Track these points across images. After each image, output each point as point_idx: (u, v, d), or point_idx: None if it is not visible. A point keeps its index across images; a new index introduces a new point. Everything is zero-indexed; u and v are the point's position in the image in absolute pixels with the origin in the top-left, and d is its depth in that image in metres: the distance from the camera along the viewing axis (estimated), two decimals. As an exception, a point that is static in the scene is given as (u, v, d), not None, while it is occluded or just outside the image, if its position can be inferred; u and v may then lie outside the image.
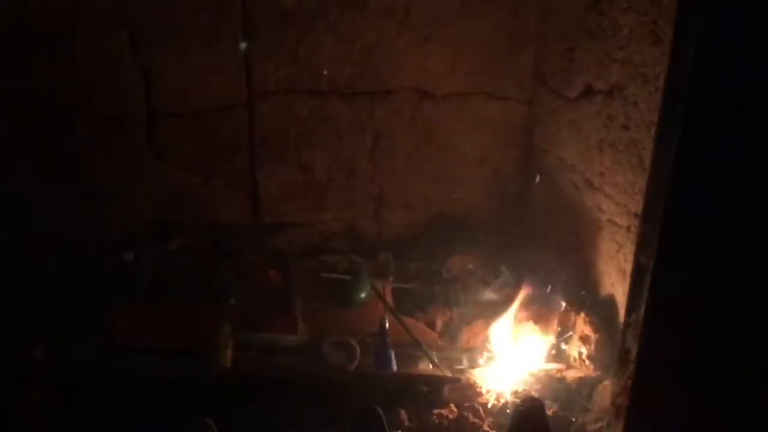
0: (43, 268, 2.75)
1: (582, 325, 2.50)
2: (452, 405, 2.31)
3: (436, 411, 2.28)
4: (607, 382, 2.28)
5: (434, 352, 2.52)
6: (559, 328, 2.59)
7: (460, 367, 2.50)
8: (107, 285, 2.75)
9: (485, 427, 2.22)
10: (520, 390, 2.37)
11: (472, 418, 2.24)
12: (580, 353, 2.48)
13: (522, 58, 3.11)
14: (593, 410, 2.25)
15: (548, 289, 2.68)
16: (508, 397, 2.35)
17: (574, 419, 2.22)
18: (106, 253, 2.93)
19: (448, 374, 2.42)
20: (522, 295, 2.66)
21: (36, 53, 2.81)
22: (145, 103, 2.97)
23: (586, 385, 2.36)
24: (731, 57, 1.36)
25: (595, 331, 2.46)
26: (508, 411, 2.26)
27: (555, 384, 2.39)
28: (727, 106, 1.39)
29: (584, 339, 2.48)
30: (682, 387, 1.57)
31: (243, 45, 2.94)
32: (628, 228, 2.39)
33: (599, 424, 2.16)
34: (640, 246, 1.54)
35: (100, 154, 2.99)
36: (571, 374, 2.42)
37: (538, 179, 3.04)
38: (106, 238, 3.00)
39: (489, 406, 2.32)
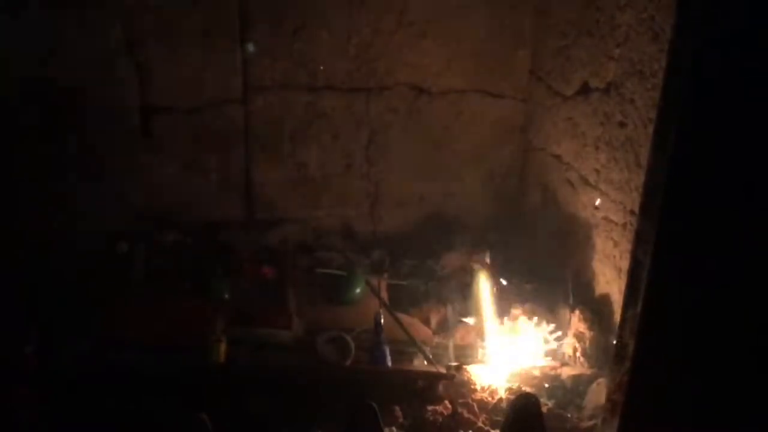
0: (36, 262, 2.74)
1: (577, 323, 2.50)
2: (446, 401, 2.31)
3: (430, 407, 2.28)
4: (601, 379, 2.28)
5: (428, 349, 2.52)
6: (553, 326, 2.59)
7: (454, 363, 2.50)
8: (100, 280, 2.74)
9: (479, 424, 2.21)
10: (514, 387, 2.38)
11: (466, 415, 2.24)
12: (575, 350, 2.48)
13: (518, 55, 3.12)
14: (588, 407, 2.25)
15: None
16: (502, 393, 2.35)
17: (569, 415, 2.22)
18: (100, 248, 2.91)
19: (443, 371, 2.42)
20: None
21: (30, 47, 2.79)
22: (139, 97, 2.95)
23: (581, 382, 2.36)
24: (730, 54, 1.36)
25: (590, 328, 2.46)
26: (500, 406, 2.26)
27: (550, 381, 2.40)
28: (725, 102, 1.39)
29: (579, 336, 2.48)
30: (678, 383, 1.57)
31: (239, 40, 2.93)
32: (624, 225, 2.39)
33: (594, 421, 2.17)
34: (638, 242, 1.54)
35: (95, 149, 2.97)
36: (566, 371, 2.42)
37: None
38: (99, 232, 2.98)
39: (483, 402, 2.32)
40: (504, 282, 2.76)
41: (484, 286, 2.73)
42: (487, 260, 2.84)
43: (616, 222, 2.45)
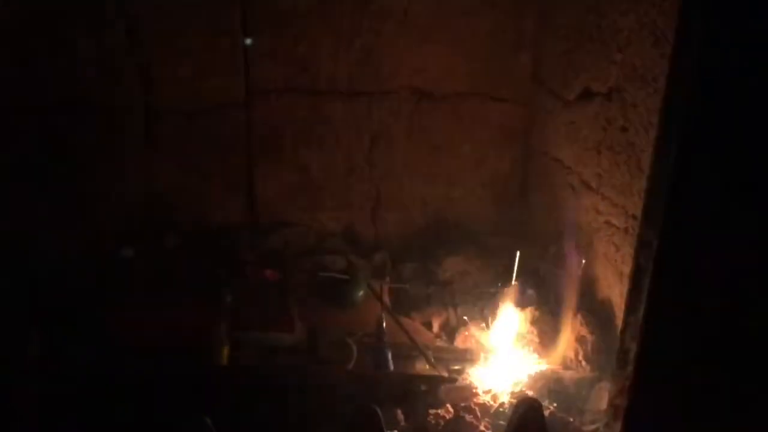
0: (38, 265, 2.74)
1: (579, 327, 2.50)
2: (449, 405, 2.31)
3: (432, 411, 2.28)
4: (604, 383, 2.28)
5: (431, 352, 2.52)
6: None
7: (456, 367, 2.50)
8: (103, 283, 2.74)
9: (482, 428, 2.21)
10: (517, 391, 2.38)
11: (468, 419, 2.24)
12: (577, 354, 2.48)
13: (520, 59, 3.12)
14: (590, 411, 2.25)
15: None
16: (504, 397, 2.35)
17: (571, 419, 2.22)
18: (102, 251, 2.92)
19: (445, 374, 2.42)
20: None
21: (34, 49, 2.80)
22: (143, 101, 2.96)
23: (583, 386, 2.36)
24: (732, 58, 1.37)
25: (592, 332, 2.46)
26: (501, 410, 2.27)
27: (552, 385, 2.40)
28: (727, 106, 1.40)
29: (581, 340, 2.48)
30: (681, 388, 1.57)
31: (242, 43, 2.94)
32: (626, 230, 2.39)
33: (596, 425, 2.17)
34: (640, 247, 1.54)
35: (98, 151, 2.98)
36: (569, 375, 2.43)
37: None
38: (102, 235, 2.98)
39: (486, 406, 2.32)
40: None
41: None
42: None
43: (617, 226, 2.45)
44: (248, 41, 2.96)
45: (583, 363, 2.46)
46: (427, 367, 2.46)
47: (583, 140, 2.70)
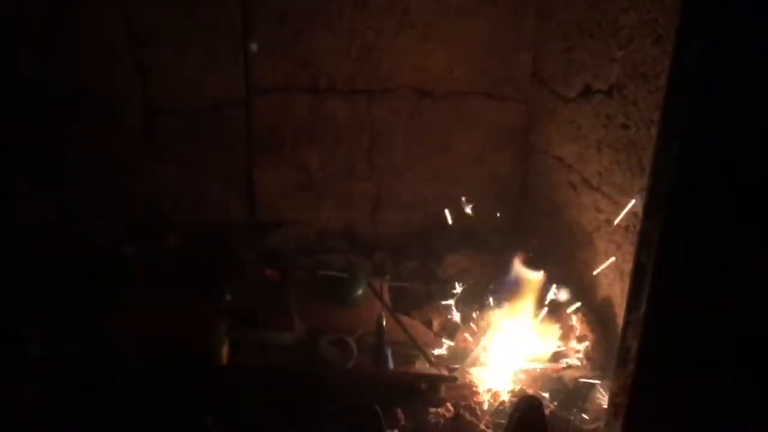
0: (38, 263, 2.74)
1: (580, 325, 2.50)
2: (449, 404, 2.31)
3: (432, 410, 2.27)
4: (604, 382, 2.28)
5: (431, 351, 2.52)
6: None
7: (456, 366, 2.49)
8: (103, 282, 2.74)
9: (482, 427, 2.21)
10: (517, 389, 2.37)
11: (468, 417, 2.24)
12: (578, 353, 2.48)
13: (521, 57, 3.12)
14: (591, 409, 2.25)
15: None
16: (504, 396, 2.34)
17: (572, 418, 2.22)
18: (102, 250, 2.91)
19: (445, 373, 2.42)
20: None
21: (34, 48, 2.80)
22: (142, 99, 2.96)
23: (584, 385, 2.36)
24: (734, 56, 1.36)
25: (593, 330, 2.46)
26: (502, 409, 2.26)
27: (553, 383, 2.39)
28: (728, 104, 1.39)
29: (582, 339, 2.48)
30: (682, 386, 1.57)
31: (242, 42, 2.93)
32: (627, 228, 2.39)
33: (597, 424, 2.17)
34: (641, 245, 1.54)
35: (97, 150, 2.97)
36: (569, 374, 2.42)
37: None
38: (102, 234, 2.98)
39: (486, 405, 2.32)
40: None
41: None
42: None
43: (618, 224, 2.44)
44: (248, 40, 2.95)
45: (584, 361, 2.45)
46: (428, 365, 2.45)
47: (584, 138, 2.69)
